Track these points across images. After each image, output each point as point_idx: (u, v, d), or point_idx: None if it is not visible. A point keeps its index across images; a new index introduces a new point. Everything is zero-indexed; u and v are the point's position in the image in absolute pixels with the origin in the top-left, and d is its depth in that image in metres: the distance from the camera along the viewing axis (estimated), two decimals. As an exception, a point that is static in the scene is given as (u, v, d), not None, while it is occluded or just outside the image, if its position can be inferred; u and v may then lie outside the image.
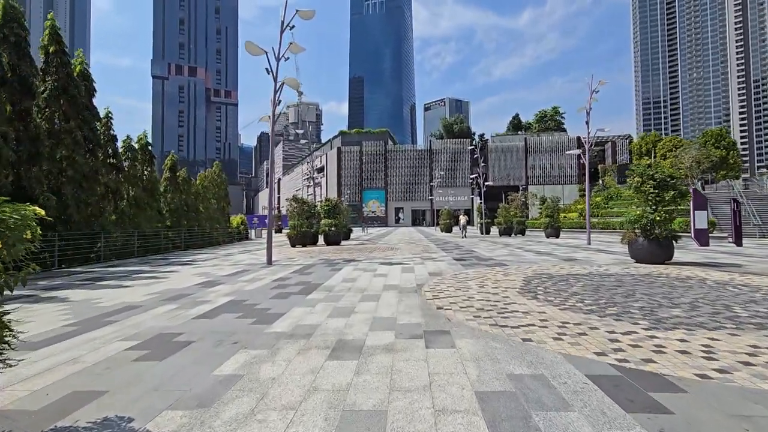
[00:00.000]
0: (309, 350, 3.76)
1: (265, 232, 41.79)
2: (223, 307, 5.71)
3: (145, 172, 16.98)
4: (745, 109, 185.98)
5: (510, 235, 28.43)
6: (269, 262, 11.30)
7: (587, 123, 18.27)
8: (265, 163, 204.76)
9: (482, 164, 33.54)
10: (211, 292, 7.03)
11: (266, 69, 11.15)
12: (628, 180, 10.02)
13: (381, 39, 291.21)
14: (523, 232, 29.98)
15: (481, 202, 34.25)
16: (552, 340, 3.93)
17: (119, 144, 15.95)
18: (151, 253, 16.38)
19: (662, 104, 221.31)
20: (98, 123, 13.89)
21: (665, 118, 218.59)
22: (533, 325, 4.47)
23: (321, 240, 21.19)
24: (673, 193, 9.19)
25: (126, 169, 15.76)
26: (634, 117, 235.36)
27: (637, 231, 9.81)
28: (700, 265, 9.55)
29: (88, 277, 9.54)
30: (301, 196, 25.10)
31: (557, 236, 25.45)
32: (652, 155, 54.87)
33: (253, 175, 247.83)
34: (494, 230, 36.35)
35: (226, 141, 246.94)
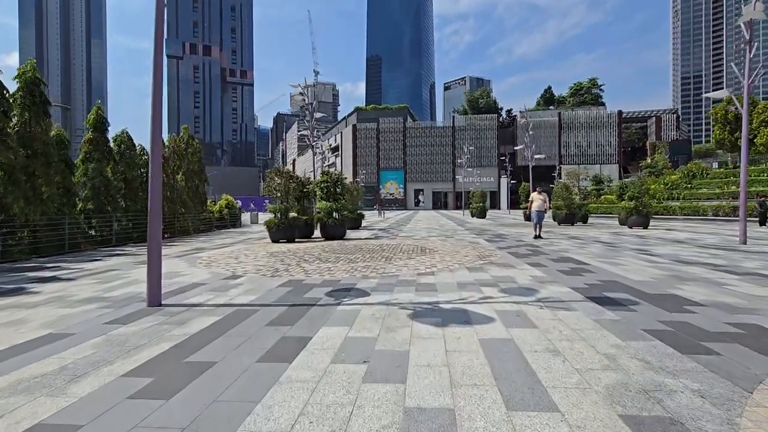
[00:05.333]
0: None
1: (262, 217, 35.31)
2: None
3: (37, 129, 10.75)
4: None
5: (572, 224, 21.45)
6: (153, 301, 4.90)
7: (748, 44, 11.03)
8: (280, 143, 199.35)
9: (530, 133, 26.32)
10: None
11: None
12: None
13: (400, 13, 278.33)
14: (585, 220, 22.97)
15: (512, 182, 27.38)
16: None
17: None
18: (47, 254, 10.32)
19: (703, 79, 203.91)
20: None
21: (707, 93, 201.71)
22: None
23: (318, 232, 14.82)
24: None
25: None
26: (670, 93, 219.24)
27: None
28: None
29: None
30: (305, 176, 18.90)
31: (645, 226, 18.37)
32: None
33: (270, 156, 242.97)
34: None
35: (243, 122, 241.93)
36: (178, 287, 5.95)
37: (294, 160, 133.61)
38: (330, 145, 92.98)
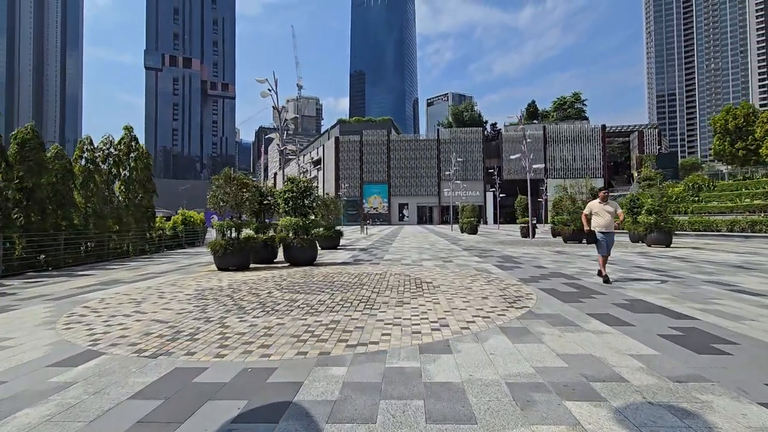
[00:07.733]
0: None
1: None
2: None
3: None
4: (767, 101, 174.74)
5: (579, 242, 18.90)
6: None
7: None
8: (262, 157, 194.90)
9: (527, 141, 23.95)
10: None
11: None
12: None
13: (383, 30, 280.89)
14: (591, 236, 20.46)
15: (501, 195, 25.00)
16: None
17: None
18: None
19: (677, 97, 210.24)
20: None
21: (680, 111, 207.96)
22: None
23: (286, 254, 11.71)
24: None
25: None
26: (646, 111, 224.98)
27: None
28: None
29: None
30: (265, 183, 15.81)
31: (668, 244, 15.89)
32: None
33: (251, 170, 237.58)
34: (540, 231, 26.99)
35: (223, 136, 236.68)
36: None
37: (275, 174, 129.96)
38: (312, 159, 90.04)
